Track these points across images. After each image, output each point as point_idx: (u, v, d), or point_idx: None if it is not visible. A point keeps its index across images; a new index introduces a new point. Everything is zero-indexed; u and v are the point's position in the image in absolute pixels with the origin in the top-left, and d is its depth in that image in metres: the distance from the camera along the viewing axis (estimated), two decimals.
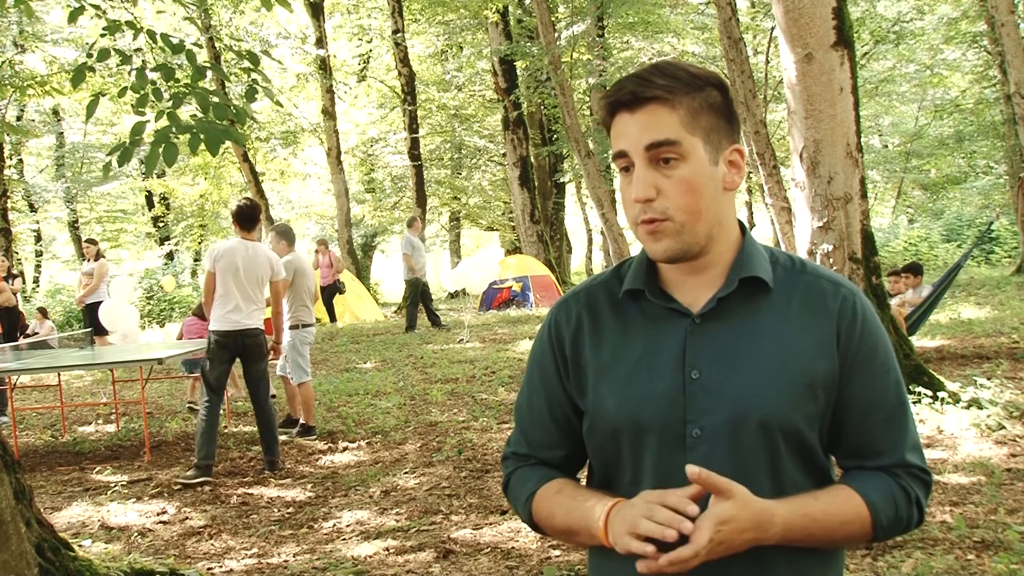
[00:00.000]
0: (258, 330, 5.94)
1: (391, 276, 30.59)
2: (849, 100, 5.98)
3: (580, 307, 1.39)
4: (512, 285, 17.14)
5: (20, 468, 3.45)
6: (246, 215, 6.06)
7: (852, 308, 1.28)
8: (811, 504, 1.23)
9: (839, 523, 1.24)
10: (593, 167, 13.89)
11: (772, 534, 1.19)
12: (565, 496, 1.34)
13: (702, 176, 1.24)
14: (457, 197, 28.49)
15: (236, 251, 5.89)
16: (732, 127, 1.29)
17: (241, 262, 5.87)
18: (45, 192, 26.78)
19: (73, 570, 3.27)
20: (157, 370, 9.94)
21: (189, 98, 4.04)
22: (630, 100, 1.24)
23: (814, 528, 1.22)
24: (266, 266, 6.01)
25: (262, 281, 5.99)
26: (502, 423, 6.92)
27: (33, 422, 8.43)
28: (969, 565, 3.44)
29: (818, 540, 1.24)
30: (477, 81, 26.96)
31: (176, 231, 30.12)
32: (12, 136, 19.14)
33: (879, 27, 19.12)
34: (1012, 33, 11.68)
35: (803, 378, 1.25)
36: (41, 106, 23.88)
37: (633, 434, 1.29)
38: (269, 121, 24.77)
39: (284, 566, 4.11)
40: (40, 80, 16.52)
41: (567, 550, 3.97)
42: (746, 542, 1.17)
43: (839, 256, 5.83)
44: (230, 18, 20.55)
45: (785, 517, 1.20)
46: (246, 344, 5.88)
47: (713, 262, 1.30)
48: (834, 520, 1.24)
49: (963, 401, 5.77)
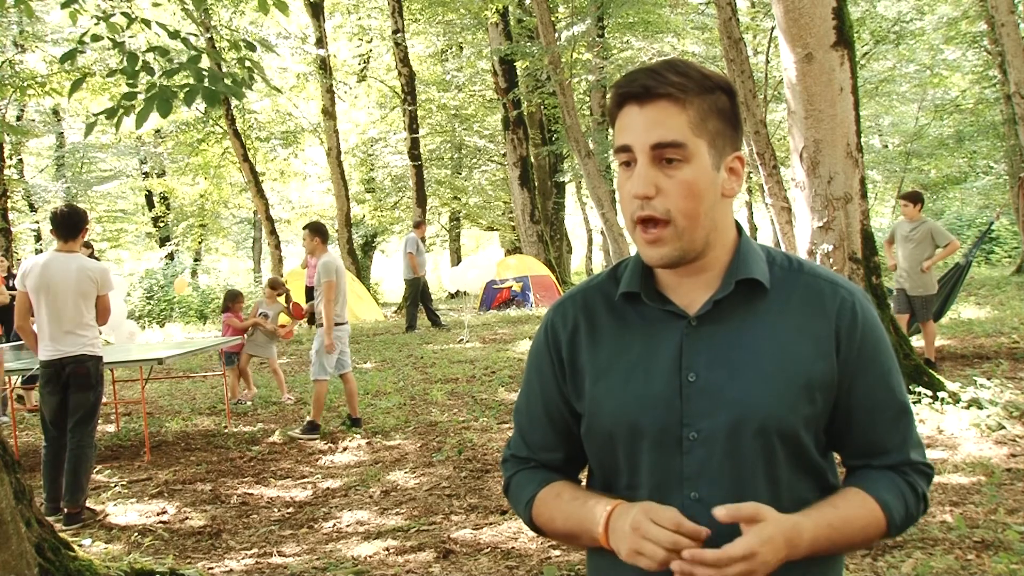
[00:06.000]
0: (84, 356, 5.08)
1: (391, 276, 30.59)
2: (849, 100, 5.98)
3: (576, 310, 1.38)
4: (512, 285, 17.14)
5: (20, 468, 3.45)
6: (63, 223, 5.09)
7: (851, 308, 1.28)
8: (832, 513, 1.23)
9: (859, 528, 1.24)
10: (593, 167, 13.89)
11: (801, 549, 1.19)
12: (565, 500, 1.34)
13: (704, 180, 1.23)
14: (457, 197, 28.48)
15: (49, 266, 5.03)
16: (736, 134, 1.28)
17: (55, 279, 5.02)
18: (45, 192, 26.76)
19: (73, 570, 3.27)
20: (157, 370, 9.95)
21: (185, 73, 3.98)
22: (641, 93, 1.22)
23: (837, 537, 1.23)
24: (87, 281, 5.09)
25: (86, 297, 5.10)
26: (502, 423, 6.92)
27: (33, 422, 8.43)
28: (969, 565, 3.44)
29: (840, 548, 1.25)
30: (477, 81, 26.94)
31: (177, 232, 30.12)
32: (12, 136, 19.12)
33: (879, 27, 19.10)
34: (1012, 33, 11.67)
35: (800, 380, 1.24)
36: (41, 106, 23.86)
37: (629, 437, 1.28)
38: (269, 121, 24.76)
39: (284, 566, 4.11)
40: (40, 80, 16.53)
41: (567, 550, 3.97)
42: (779, 561, 1.16)
43: (839, 256, 5.83)
44: (230, 18, 20.54)
45: (812, 531, 1.20)
46: (68, 373, 5.06)
47: (709, 265, 1.29)
48: (854, 526, 1.24)
49: (963, 401, 5.77)
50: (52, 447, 5.15)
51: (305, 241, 7.27)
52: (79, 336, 5.09)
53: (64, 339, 5.06)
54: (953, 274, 8.54)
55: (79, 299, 5.09)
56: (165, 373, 10.77)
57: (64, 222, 5.10)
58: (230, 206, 29.88)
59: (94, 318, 5.21)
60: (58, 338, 5.05)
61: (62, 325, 5.05)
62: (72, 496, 5.04)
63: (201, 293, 23.88)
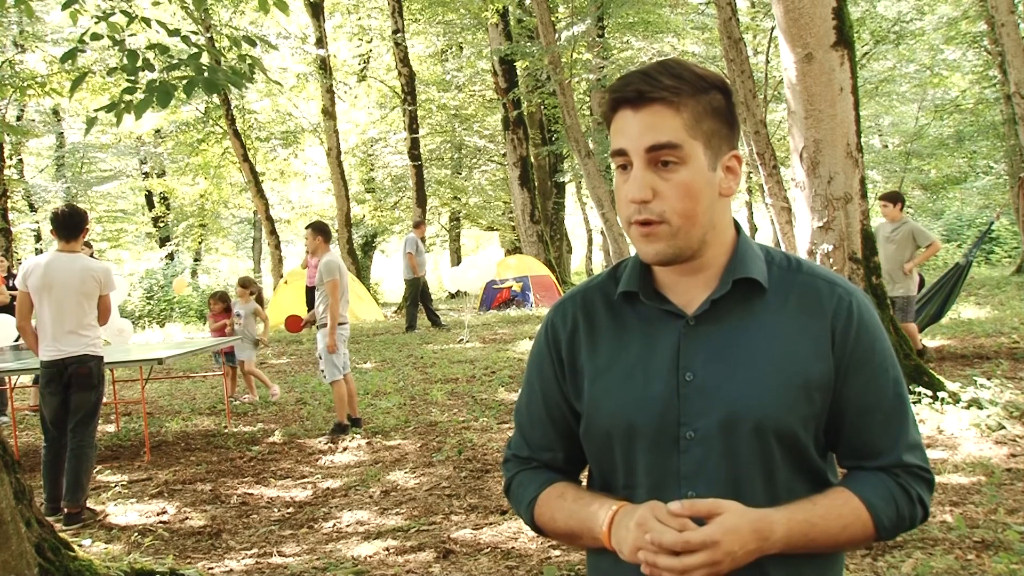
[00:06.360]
0: (86, 356, 5.09)
1: (391, 276, 30.59)
2: (849, 100, 5.99)
3: (576, 309, 1.38)
4: (512, 285, 17.15)
5: (20, 468, 3.45)
6: (64, 223, 5.11)
7: (848, 308, 1.27)
8: (809, 509, 1.22)
9: (840, 527, 1.23)
10: (593, 167, 13.89)
11: (774, 542, 1.18)
12: (567, 500, 1.34)
13: (700, 181, 1.23)
14: (457, 197, 28.48)
15: (52, 266, 5.06)
16: (732, 133, 1.28)
17: (57, 279, 5.04)
18: (45, 192, 26.77)
19: (73, 570, 3.27)
20: (157, 370, 9.95)
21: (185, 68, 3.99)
22: (635, 98, 1.22)
23: (815, 533, 1.22)
24: (91, 281, 5.12)
25: (89, 297, 5.12)
26: (502, 423, 6.92)
27: (33, 422, 8.43)
28: (969, 565, 3.44)
29: (821, 545, 1.24)
30: (477, 81, 26.94)
31: (177, 232, 30.12)
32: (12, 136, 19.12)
33: (879, 27, 19.10)
34: (1012, 33, 11.67)
35: (798, 379, 1.24)
36: (41, 106, 23.86)
37: (626, 436, 1.28)
38: (269, 121, 24.77)
39: (284, 566, 4.11)
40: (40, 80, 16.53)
41: (567, 550, 3.97)
42: (750, 554, 1.16)
43: (839, 256, 5.84)
44: (230, 17, 20.54)
45: (784, 524, 1.19)
46: (70, 373, 5.07)
47: (707, 264, 1.29)
48: (835, 524, 1.23)
49: (963, 401, 5.77)
50: (52, 447, 5.14)
51: (308, 240, 7.29)
52: (81, 336, 5.09)
53: (66, 339, 5.05)
54: (953, 274, 8.53)
55: (82, 299, 5.08)
56: (165, 373, 10.78)
57: (65, 222, 5.11)
58: (230, 206, 29.89)
59: (96, 318, 5.20)
60: (60, 338, 5.04)
61: (64, 325, 5.04)
62: (72, 496, 5.03)
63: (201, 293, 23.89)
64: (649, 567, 1.14)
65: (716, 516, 1.15)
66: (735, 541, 1.14)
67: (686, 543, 1.12)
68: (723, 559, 1.13)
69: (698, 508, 1.15)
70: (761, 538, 1.17)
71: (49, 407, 5.11)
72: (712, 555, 1.12)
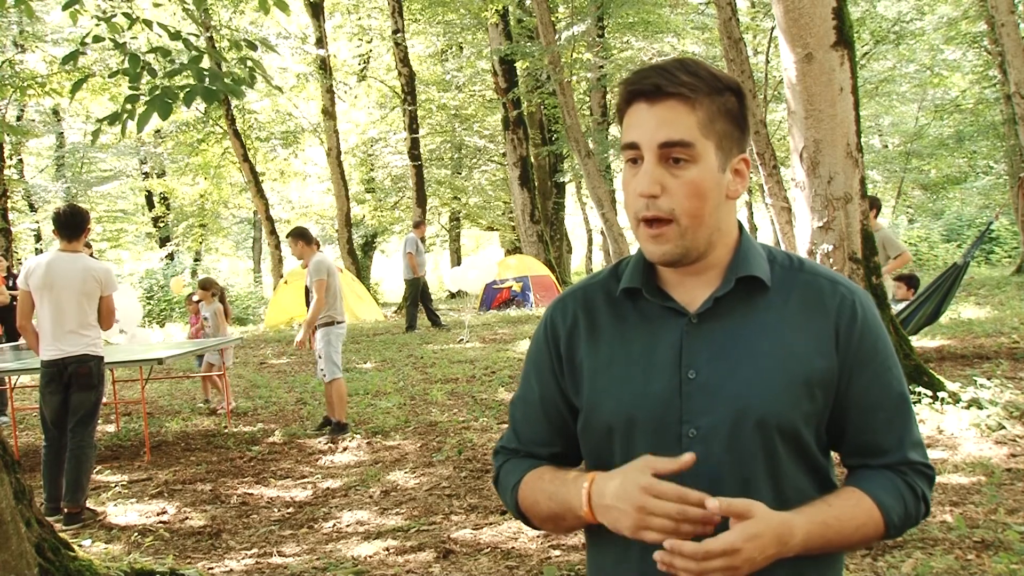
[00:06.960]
0: (86, 356, 5.09)
1: (391, 276, 30.59)
2: (849, 100, 5.98)
3: (576, 305, 1.38)
4: (512, 285, 17.15)
5: (20, 468, 3.45)
6: (66, 223, 5.12)
7: (851, 307, 1.28)
8: (826, 511, 1.22)
9: (854, 527, 1.24)
10: (593, 167, 13.89)
11: (793, 546, 1.18)
12: (546, 481, 1.33)
13: (709, 181, 1.23)
14: (457, 197, 28.49)
15: (53, 266, 5.06)
16: (743, 136, 1.28)
17: (59, 278, 5.04)
18: (45, 192, 26.77)
19: (73, 570, 3.27)
20: (157, 370, 9.94)
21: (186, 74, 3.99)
22: (651, 91, 1.22)
23: (831, 535, 1.22)
24: (92, 281, 5.12)
25: (90, 297, 5.13)
26: (502, 423, 6.92)
27: (33, 422, 8.42)
28: (969, 565, 3.44)
29: (835, 546, 1.24)
30: (477, 81, 26.95)
31: (177, 232, 30.12)
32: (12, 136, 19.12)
33: (879, 27, 19.12)
34: (1012, 33, 11.67)
35: (800, 377, 1.24)
36: (41, 106, 23.86)
37: (627, 433, 1.28)
38: (269, 121, 24.77)
39: (284, 566, 4.11)
40: (40, 80, 16.53)
41: (567, 550, 3.97)
42: (768, 558, 1.16)
43: (839, 256, 5.83)
44: (230, 18, 20.55)
45: (804, 528, 1.19)
46: (70, 373, 5.07)
47: (711, 263, 1.29)
48: (849, 525, 1.23)
49: (963, 401, 5.77)
50: (52, 447, 5.13)
51: (292, 249, 7.23)
52: (82, 336, 5.08)
53: (67, 339, 5.05)
54: (950, 274, 8.52)
55: (83, 299, 5.09)
56: (165, 373, 10.78)
57: (67, 222, 5.12)
58: (230, 206, 29.90)
59: (96, 318, 5.20)
60: (61, 338, 5.04)
61: (65, 325, 5.04)
62: (72, 496, 5.03)
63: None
64: (666, 565, 1.13)
65: (744, 521, 1.14)
66: (755, 548, 1.14)
67: (707, 553, 1.11)
68: (742, 565, 1.13)
69: (734, 509, 1.14)
70: (781, 543, 1.17)
71: (49, 407, 5.11)
72: (731, 561, 1.12)
